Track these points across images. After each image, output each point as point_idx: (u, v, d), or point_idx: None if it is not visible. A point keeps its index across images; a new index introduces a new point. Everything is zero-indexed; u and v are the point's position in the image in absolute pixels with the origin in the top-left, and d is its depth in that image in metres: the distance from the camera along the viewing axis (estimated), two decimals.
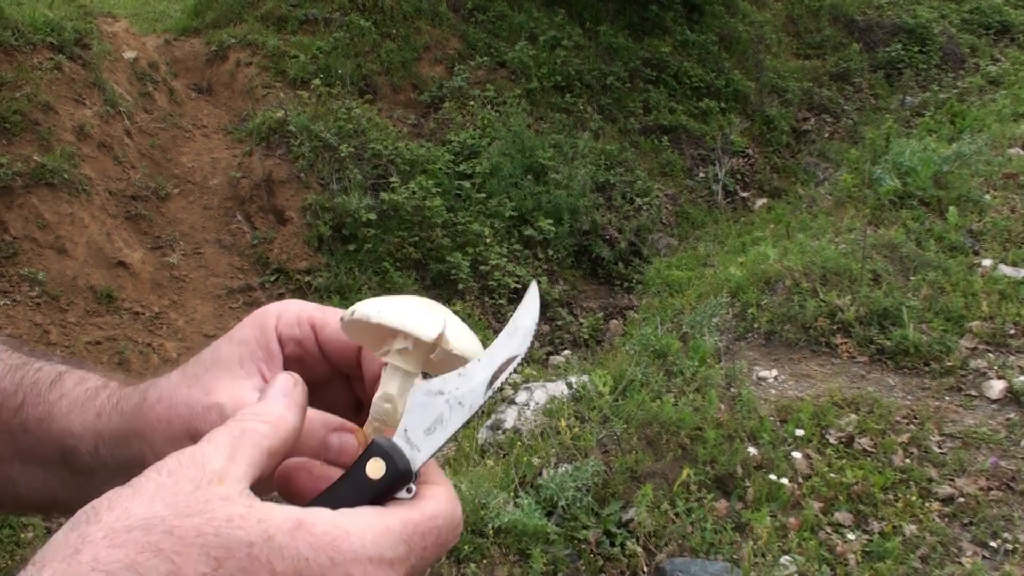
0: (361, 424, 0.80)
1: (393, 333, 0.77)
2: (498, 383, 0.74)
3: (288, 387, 0.75)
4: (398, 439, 0.73)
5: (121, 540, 0.57)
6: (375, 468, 0.71)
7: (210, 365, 0.83)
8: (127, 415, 0.86)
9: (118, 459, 0.86)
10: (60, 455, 0.90)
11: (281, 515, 0.62)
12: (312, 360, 0.85)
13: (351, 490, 0.71)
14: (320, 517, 0.64)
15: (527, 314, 0.77)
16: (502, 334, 0.76)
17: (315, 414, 0.79)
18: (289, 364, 0.84)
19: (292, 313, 0.86)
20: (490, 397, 0.74)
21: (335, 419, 0.80)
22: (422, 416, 0.73)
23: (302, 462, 0.77)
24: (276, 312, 0.86)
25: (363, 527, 0.65)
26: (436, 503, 0.71)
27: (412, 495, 0.71)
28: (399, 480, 0.71)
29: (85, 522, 0.59)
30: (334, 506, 0.67)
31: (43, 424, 0.91)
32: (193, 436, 0.78)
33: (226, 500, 0.61)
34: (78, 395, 0.92)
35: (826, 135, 13.46)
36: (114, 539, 0.57)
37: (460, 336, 0.77)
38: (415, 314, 0.76)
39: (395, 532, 0.66)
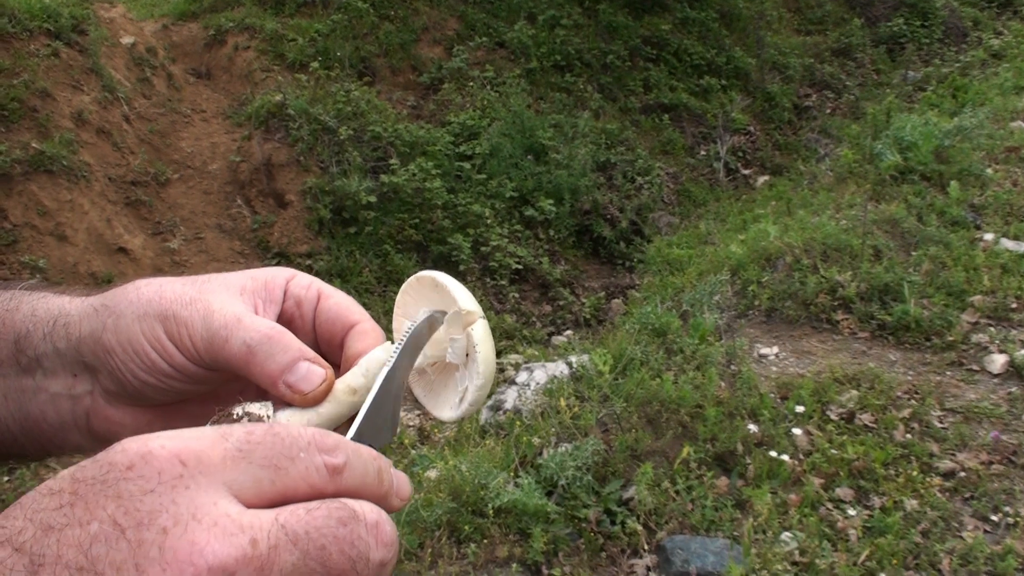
0: None
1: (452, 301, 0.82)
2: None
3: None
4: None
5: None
6: None
7: (214, 280, 0.80)
8: (104, 296, 0.82)
9: (72, 338, 0.80)
10: (13, 346, 0.83)
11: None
12: (301, 325, 0.82)
13: None
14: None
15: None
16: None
17: (294, 339, 0.75)
18: (282, 319, 0.81)
19: (306, 277, 0.84)
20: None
21: (311, 352, 0.75)
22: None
23: None
24: (292, 272, 0.84)
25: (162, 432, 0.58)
26: (286, 427, 0.62)
27: None
28: None
29: None
30: None
31: (7, 316, 0.85)
32: (164, 319, 0.76)
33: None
34: (57, 293, 0.87)
35: (828, 111, 13.39)
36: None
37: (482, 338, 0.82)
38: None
39: (204, 428, 0.58)
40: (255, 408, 0.71)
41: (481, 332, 0.81)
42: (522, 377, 5.93)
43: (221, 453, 0.56)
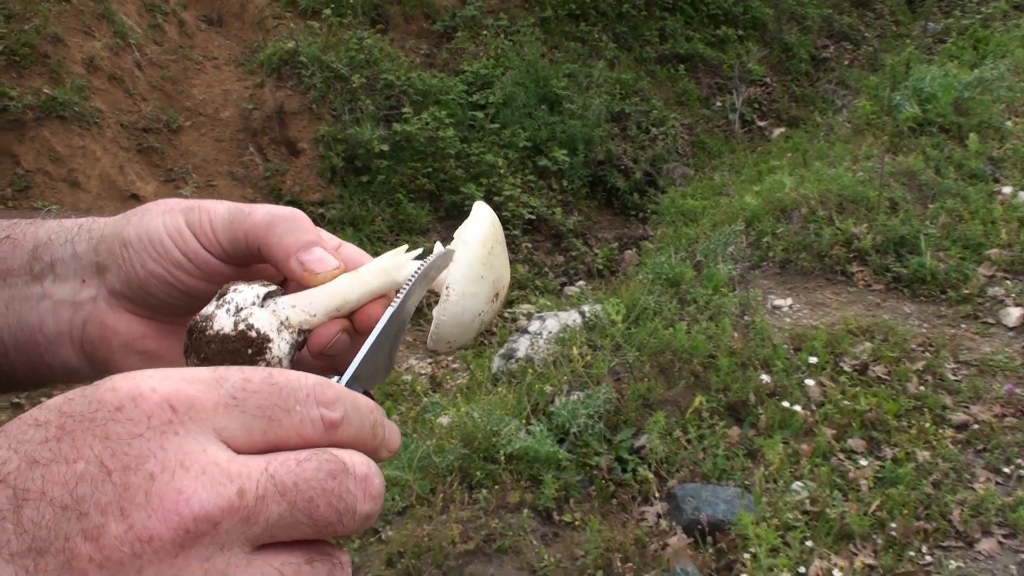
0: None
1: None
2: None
3: None
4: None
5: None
6: None
7: None
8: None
9: (93, 239, 0.80)
10: (30, 253, 0.83)
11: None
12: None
13: None
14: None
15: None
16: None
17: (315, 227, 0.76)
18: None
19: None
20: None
21: (329, 243, 0.76)
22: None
23: None
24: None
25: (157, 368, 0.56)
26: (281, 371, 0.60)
27: None
28: None
29: None
30: None
31: (30, 228, 0.85)
32: (188, 211, 0.77)
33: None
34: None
35: (846, 62, 13.22)
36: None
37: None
38: None
39: (200, 370, 0.56)
40: (246, 289, 0.72)
41: (457, 269, 0.78)
42: (534, 326, 5.92)
43: (214, 399, 0.55)
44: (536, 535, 4.32)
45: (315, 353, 0.74)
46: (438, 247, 0.79)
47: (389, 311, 0.72)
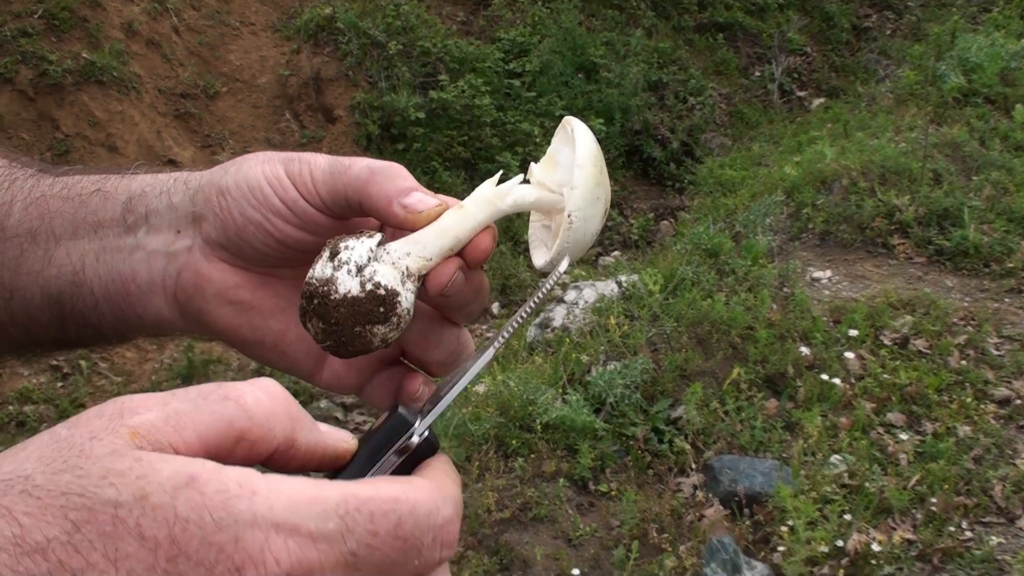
0: None
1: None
2: (502, 340, 0.72)
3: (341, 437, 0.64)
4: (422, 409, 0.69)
5: None
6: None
7: None
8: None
9: (190, 190, 0.82)
10: (123, 205, 0.83)
11: (171, 469, 0.49)
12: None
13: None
14: (221, 474, 0.50)
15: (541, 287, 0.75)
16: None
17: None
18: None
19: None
20: (495, 354, 0.71)
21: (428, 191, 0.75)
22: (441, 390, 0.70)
23: None
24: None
25: (281, 489, 0.51)
26: (408, 488, 0.56)
27: (400, 459, 0.63)
28: (397, 434, 0.64)
29: None
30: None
31: (122, 181, 0.86)
32: (288, 160, 0.77)
33: (114, 453, 0.49)
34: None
35: (888, 32, 12.99)
36: None
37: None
38: None
39: (328, 502, 0.52)
40: (357, 245, 0.72)
41: (577, 194, 0.77)
42: (571, 296, 5.90)
43: (333, 560, 0.52)
44: (571, 504, 4.32)
45: (434, 295, 0.74)
46: (533, 167, 0.80)
47: (487, 356, 0.71)
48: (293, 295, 0.79)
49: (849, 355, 5.09)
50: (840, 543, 3.92)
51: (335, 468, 0.62)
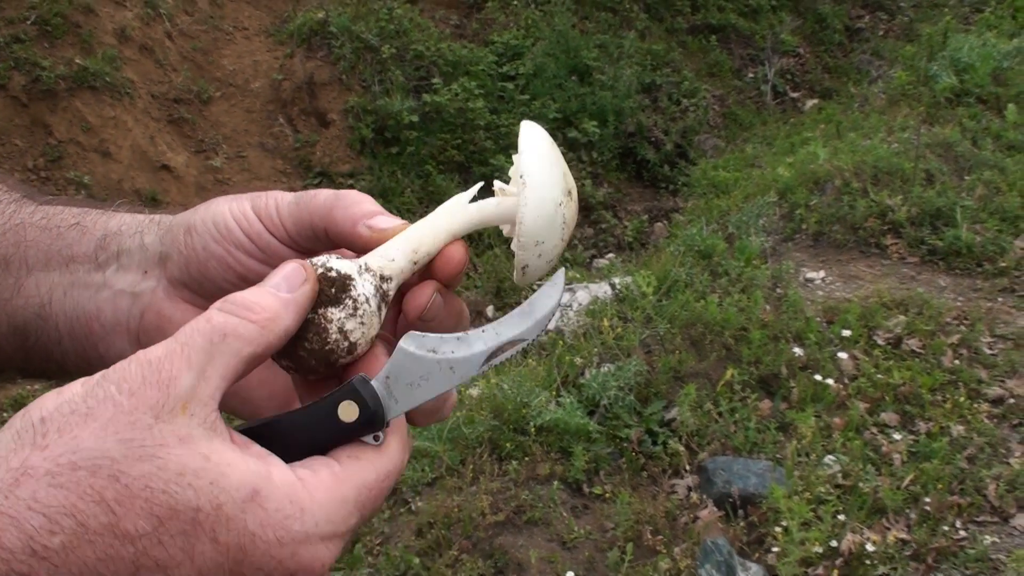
0: None
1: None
2: (496, 360, 0.71)
3: (295, 281, 0.69)
4: (377, 383, 0.69)
5: (64, 480, 0.55)
6: (348, 411, 0.67)
7: None
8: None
9: (161, 230, 0.83)
10: (97, 242, 0.85)
11: (237, 479, 0.59)
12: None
13: (317, 426, 0.67)
14: (275, 490, 0.61)
15: (548, 300, 0.74)
16: (516, 311, 0.74)
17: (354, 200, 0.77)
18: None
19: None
20: (483, 372, 0.71)
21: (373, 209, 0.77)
22: (409, 368, 0.70)
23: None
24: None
25: (319, 503, 0.63)
26: (390, 459, 0.68)
27: (378, 443, 0.68)
28: (368, 427, 0.68)
29: (31, 444, 0.56)
30: (294, 437, 0.66)
31: (100, 218, 0.87)
32: (255, 197, 0.78)
33: (184, 442, 0.59)
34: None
35: (880, 33, 13.01)
36: (57, 477, 0.55)
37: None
38: None
39: (350, 503, 0.65)
40: (323, 254, 0.74)
41: (526, 158, 0.77)
42: (564, 298, 5.90)
43: (350, 537, 0.67)
44: (566, 507, 4.32)
45: (413, 319, 0.76)
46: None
47: (449, 384, 0.71)
48: None
49: (842, 355, 5.10)
50: (834, 543, 3.92)
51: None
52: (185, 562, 0.56)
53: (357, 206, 0.75)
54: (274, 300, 0.67)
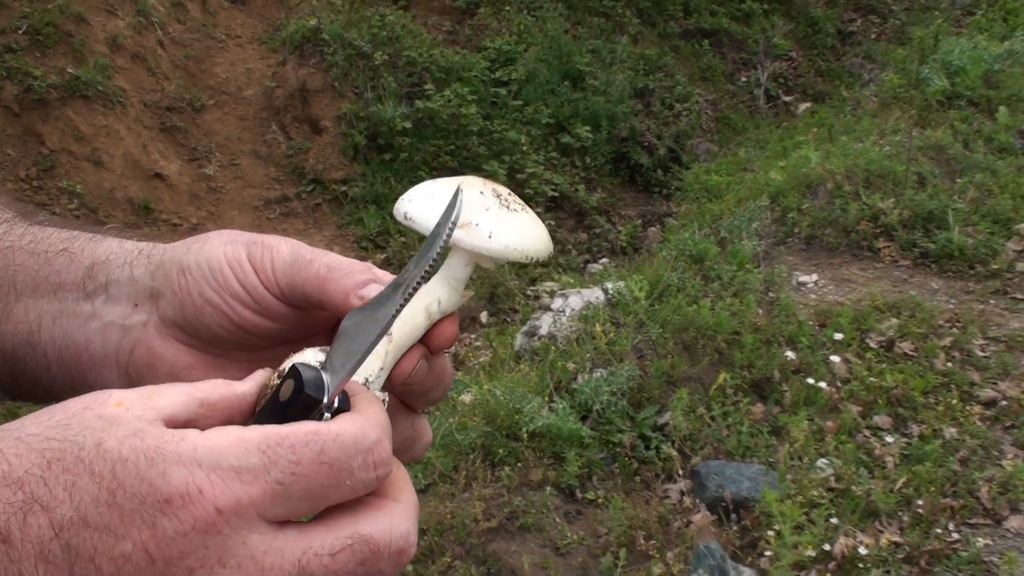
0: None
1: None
2: (408, 290, 0.70)
3: (258, 373, 0.70)
4: (324, 363, 0.69)
5: None
6: (286, 389, 0.66)
7: None
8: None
9: (152, 264, 0.82)
10: (85, 271, 0.84)
11: (128, 425, 0.58)
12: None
13: (264, 412, 0.66)
14: (160, 427, 0.59)
15: (435, 231, 0.73)
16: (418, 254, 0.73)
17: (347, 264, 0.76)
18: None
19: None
20: (396, 313, 0.70)
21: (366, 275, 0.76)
22: (347, 341, 0.70)
23: None
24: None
25: (209, 436, 0.59)
26: (329, 423, 0.62)
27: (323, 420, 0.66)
28: (308, 403, 0.65)
29: None
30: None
31: (88, 244, 0.86)
32: (251, 244, 0.78)
33: (101, 417, 0.59)
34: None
35: (873, 36, 13.04)
36: None
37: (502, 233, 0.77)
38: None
39: (250, 442, 0.59)
40: (309, 355, 0.72)
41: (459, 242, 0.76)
42: (557, 303, 5.90)
43: (260, 491, 0.58)
44: (559, 512, 4.31)
45: (397, 385, 0.76)
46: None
47: (372, 338, 0.70)
48: (246, 374, 0.79)
49: (835, 359, 5.10)
50: (827, 547, 3.92)
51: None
52: (65, 500, 0.55)
53: (349, 278, 0.75)
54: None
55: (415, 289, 0.70)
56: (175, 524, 0.56)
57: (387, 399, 0.74)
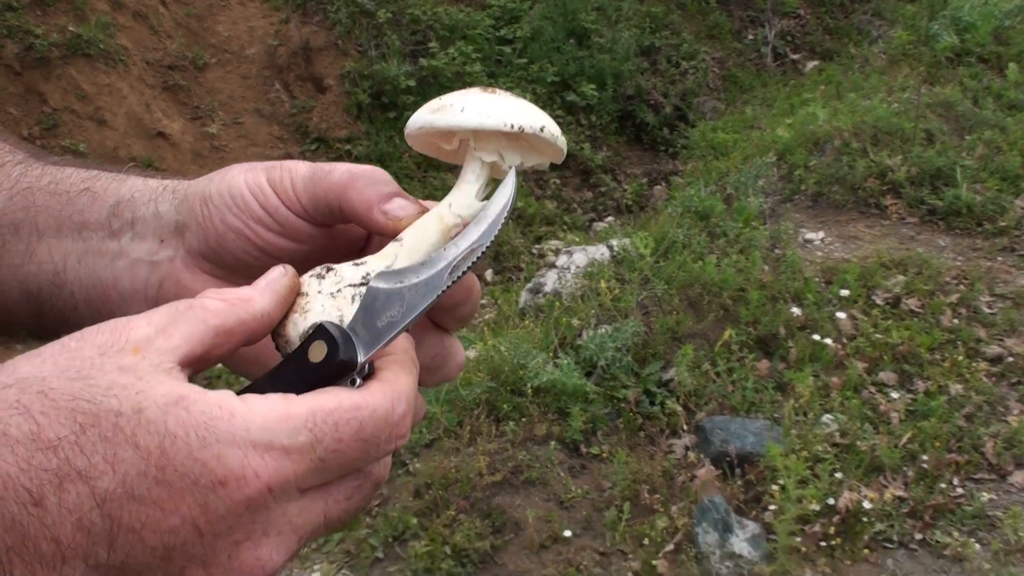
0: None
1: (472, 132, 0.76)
2: (459, 272, 0.70)
3: (273, 276, 0.69)
4: (353, 323, 0.67)
5: None
6: (317, 351, 0.65)
7: None
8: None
9: (176, 199, 0.81)
10: (111, 209, 0.84)
11: (166, 388, 0.57)
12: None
13: (291, 374, 0.65)
14: (208, 396, 0.58)
15: (498, 203, 0.73)
16: (472, 221, 0.73)
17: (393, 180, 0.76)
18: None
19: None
20: (449, 286, 0.69)
21: (407, 195, 0.76)
22: (381, 306, 0.68)
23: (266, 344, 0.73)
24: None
25: (256, 411, 0.58)
26: (366, 395, 0.63)
27: (356, 387, 0.65)
28: (342, 368, 0.65)
29: None
30: (271, 390, 0.62)
31: (112, 183, 0.86)
32: (270, 168, 0.78)
33: (123, 369, 0.57)
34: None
35: None
36: None
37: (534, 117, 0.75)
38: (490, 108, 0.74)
39: (297, 418, 0.59)
40: (345, 270, 0.71)
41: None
42: (562, 260, 5.88)
43: (305, 468, 0.59)
44: (563, 467, 4.32)
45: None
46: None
47: (421, 308, 0.69)
48: None
49: (841, 315, 5.08)
50: (831, 501, 3.93)
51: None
52: (107, 471, 0.53)
53: (373, 188, 0.74)
54: (248, 288, 0.67)
55: (462, 272, 0.70)
56: (227, 504, 0.57)
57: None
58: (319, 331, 0.66)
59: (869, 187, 6.28)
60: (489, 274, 7.46)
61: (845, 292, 5.21)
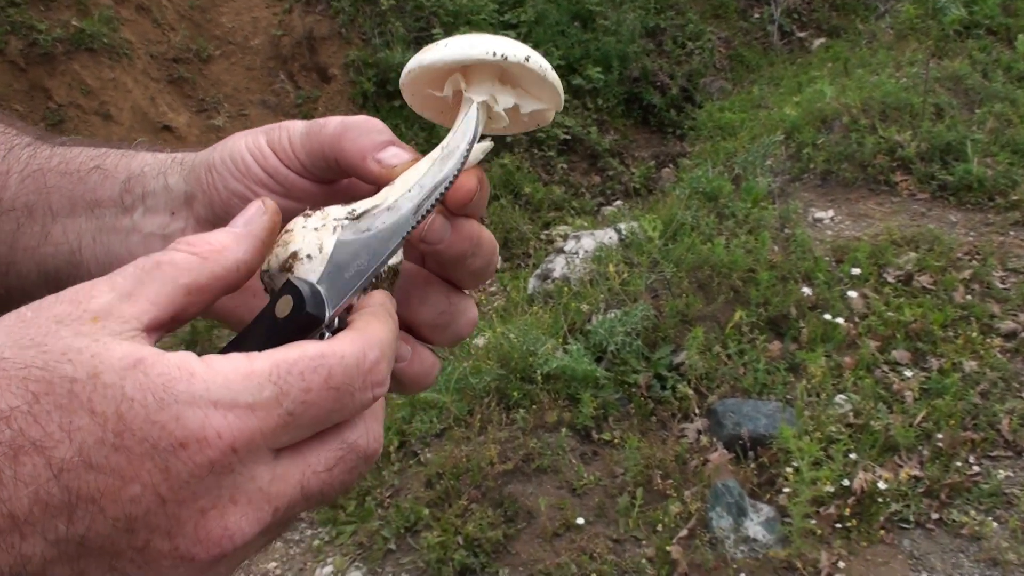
0: None
1: (461, 68, 0.75)
2: (423, 210, 0.69)
3: (251, 214, 0.66)
4: (320, 278, 0.65)
5: None
6: (283, 306, 0.63)
7: None
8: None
9: (184, 170, 0.81)
10: (122, 185, 0.83)
11: (122, 352, 0.54)
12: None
13: (259, 333, 0.63)
14: (167, 358, 0.55)
15: (462, 138, 0.72)
16: (436, 159, 0.71)
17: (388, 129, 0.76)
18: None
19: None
20: (415, 226, 0.68)
21: (401, 143, 0.75)
22: (349, 256, 0.67)
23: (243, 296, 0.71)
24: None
25: (217, 369, 0.55)
26: (332, 343, 0.60)
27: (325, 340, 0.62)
28: (309, 322, 0.62)
29: None
30: (242, 347, 0.60)
31: (123, 159, 0.85)
32: (269, 130, 0.78)
33: (79, 335, 0.55)
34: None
35: None
36: None
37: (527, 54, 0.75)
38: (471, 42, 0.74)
39: (261, 374, 0.56)
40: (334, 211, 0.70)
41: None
42: (570, 246, 5.85)
43: (273, 424, 0.56)
44: (575, 454, 4.30)
45: (415, 242, 0.73)
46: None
47: (386, 253, 0.68)
48: None
49: (852, 294, 5.04)
50: (846, 482, 3.90)
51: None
52: (63, 440, 0.51)
53: (366, 137, 0.74)
54: (224, 235, 0.65)
55: (421, 217, 0.69)
56: (190, 467, 0.54)
57: (400, 262, 0.72)
58: (286, 286, 0.64)
59: (878, 164, 6.22)
60: (498, 261, 7.43)
61: (856, 271, 5.16)
